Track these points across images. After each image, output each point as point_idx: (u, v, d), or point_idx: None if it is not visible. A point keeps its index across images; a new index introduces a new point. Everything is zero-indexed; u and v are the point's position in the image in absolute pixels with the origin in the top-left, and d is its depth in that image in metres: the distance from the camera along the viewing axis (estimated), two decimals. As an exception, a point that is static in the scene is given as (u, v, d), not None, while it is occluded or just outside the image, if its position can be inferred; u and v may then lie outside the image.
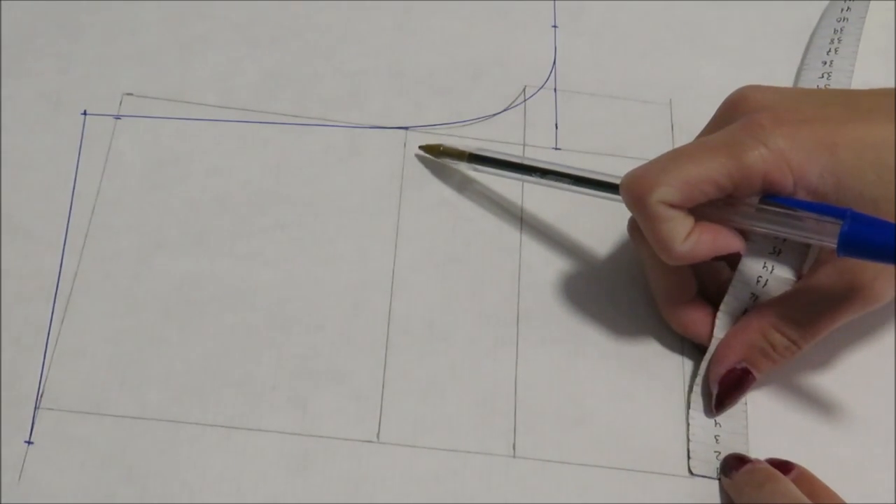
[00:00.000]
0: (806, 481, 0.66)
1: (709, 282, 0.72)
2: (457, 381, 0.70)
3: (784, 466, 0.67)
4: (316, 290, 0.72)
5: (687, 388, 0.71)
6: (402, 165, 0.78)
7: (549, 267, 0.75)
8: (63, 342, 0.69)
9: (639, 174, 0.63)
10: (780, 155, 0.64)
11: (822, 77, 0.82)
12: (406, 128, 0.80)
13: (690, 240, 0.65)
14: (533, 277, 0.74)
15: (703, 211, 0.66)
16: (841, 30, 0.84)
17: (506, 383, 0.70)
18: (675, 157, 0.63)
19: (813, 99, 0.69)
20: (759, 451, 0.69)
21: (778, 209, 0.65)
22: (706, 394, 0.71)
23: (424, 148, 0.78)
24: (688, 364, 0.72)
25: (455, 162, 0.77)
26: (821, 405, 0.72)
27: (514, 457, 0.68)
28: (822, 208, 0.64)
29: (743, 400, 0.70)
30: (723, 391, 0.69)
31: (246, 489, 0.65)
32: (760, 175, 0.64)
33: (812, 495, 0.65)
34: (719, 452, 0.69)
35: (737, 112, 0.67)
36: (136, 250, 0.73)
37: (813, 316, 0.67)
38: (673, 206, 0.64)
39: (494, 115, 0.81)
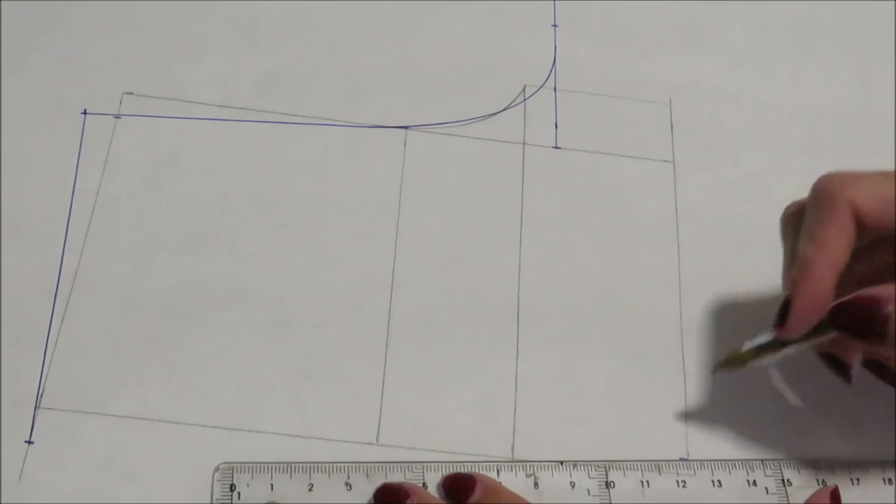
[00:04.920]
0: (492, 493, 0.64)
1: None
2: (457, 381, 0.70)
3: (468, 483, 0.65)
4: (316, 290, 0.72)
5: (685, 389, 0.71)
6: (401, 165, 0.78)
7: (550, 267, 0.75)
8: (63, 342, 0.69)
9: (843, 175, 0.61)
10: None
11: None
12: (406, 127, 0.79)
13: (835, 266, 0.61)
14: (533, 277, 0.74)
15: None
16: None
17: (506, 383, 0.70)
18: (887, 175, 0.61)
19: None
20: (761, 450, 0.69)
21: None
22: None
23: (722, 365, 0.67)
24: (688, 364, 0.72)
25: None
26: (821, 405, 0.72)
27: (513, 458, 0.68)
28: None
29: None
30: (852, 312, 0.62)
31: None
32: None
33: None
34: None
35: None
36: (136, 250, 0.73)
37: None
38: (858, 214, 0.60)
39: (494, 114, 0.81)
